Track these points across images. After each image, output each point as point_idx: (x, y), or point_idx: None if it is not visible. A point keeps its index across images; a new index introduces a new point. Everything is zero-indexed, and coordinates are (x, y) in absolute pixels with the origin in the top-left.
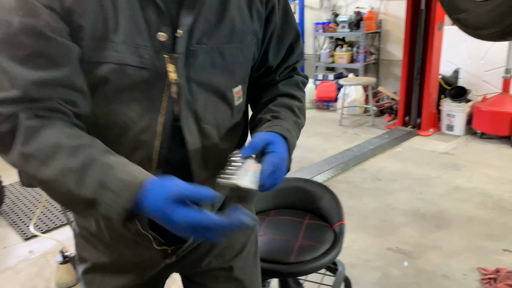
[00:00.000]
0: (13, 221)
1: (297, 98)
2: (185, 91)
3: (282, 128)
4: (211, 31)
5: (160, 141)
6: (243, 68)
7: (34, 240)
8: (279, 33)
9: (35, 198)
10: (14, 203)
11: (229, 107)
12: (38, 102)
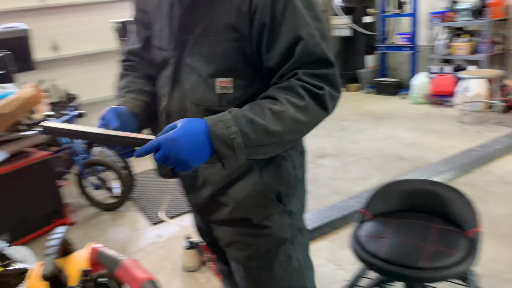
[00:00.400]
0: (141, 207)
1: (278, 101)
2: (178, 71)
3: (215, 116)
4: (196, 24)
5: (166, 103)
6: (227, 61)
7: (160, 225)
8: (270, 34)
9: (161, 187)
10: (142, 191)
11: (212, 93)
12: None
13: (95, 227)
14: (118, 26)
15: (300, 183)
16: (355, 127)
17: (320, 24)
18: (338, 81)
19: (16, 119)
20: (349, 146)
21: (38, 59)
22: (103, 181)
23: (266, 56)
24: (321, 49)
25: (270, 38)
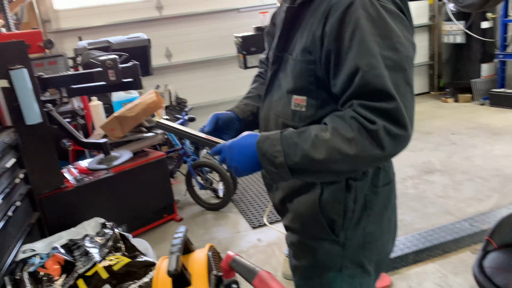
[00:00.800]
0: (242, 209)
1: (327, 129)
2: (271, 84)
3: (267, 133)
4: (289, 44)
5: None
6: (301, 80)
7: (261, 229)
8: (335, 61)
9: (262, 191)
10: (243, 194)
11: (288, 108)
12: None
13: (200, 225)
14: (239, 40)
15: (369, 217)
16: (467, 142)
17: (394, 54)
18: (401, 117)
19: (139, 122)
20: (461, 162)
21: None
22: (209, 182)
23: (332, 81)
24: (382, 81)
25: (335, 65)
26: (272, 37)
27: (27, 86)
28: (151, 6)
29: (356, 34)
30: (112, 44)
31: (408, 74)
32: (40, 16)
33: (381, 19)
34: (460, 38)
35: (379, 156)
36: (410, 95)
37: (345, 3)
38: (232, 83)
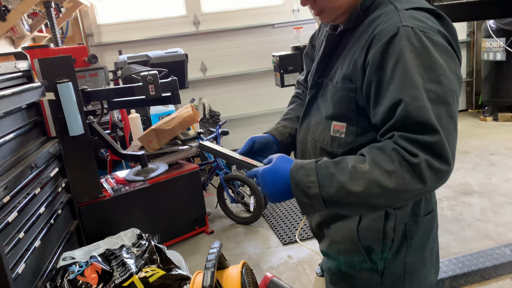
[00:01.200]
0: (273, 225)
1: (363, 160)
2: (310, 107)
3: (301, 161)
4: (329, 69)
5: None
6: (341, 107)
7: (291, 246)
8: (376, 91)
9: (292, 207)
10: (274, 209)
11: (327, 134)
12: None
13: (231, 238)
14: (276, 59)
15: (410, 247)
16: (507, 163)
17: (438, 87)
18: (444, 151)
19: (175, 135)
20: (501, 184)
21: (189, 79)
22: (240, 196)
23: (372, 111)
24: (425, 114)
25: (376, 96)
26: (310, 59)
27: (72, 99)
28: (189, 22)
29: (399, 65)
30: (151, 59)
31: (452, 108)
32: (83, 31)
33: (425, 50)
34: (501, 55)
35: (420, 191)
36: (453, 129)
37: (389, 33)
38: (265, 97)
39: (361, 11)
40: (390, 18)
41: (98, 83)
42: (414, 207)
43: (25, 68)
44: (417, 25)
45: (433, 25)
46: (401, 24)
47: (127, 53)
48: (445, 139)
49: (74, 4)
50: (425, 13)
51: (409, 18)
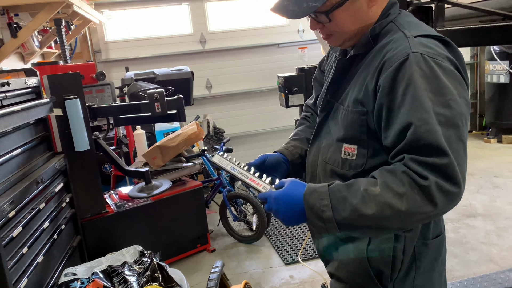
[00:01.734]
0: (275, 244)
1: (374, 183)
2: (320, 130)
3: (314, 185)
4: (339, 93)
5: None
6: (352, 130)
7: (293, 266)
8: (387, 115)
9: (295, 227)
10: (277, 228)
11: (338, 156)
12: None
13: (232, 257)
14: (281, 80)
15: (419, 270)
16: (511, 186)
17: (447, 111)
18: (454, 173)
19: (179, 152)
20: (505, 207)
21: (194, 96)
22: (243, 214)
23: (384, 134)
24: (434, 136)
25: (387, 119)
26: (319, 83)
27: (79, 115)
28: (195, 40)
29: (409, 89)
30: (157, 76)
31: (461, 131)
32: (91, 47)
33: (434, 75)
34: (504, 78)
35: (431, 213)
36: (463, 152)
37: (399, 59)
38: (269, 115)
39: (371, 37)
40: (400, 45)
41: (105, 99)
42: (424, 229)
43: (34, 84)
44: (426, 51)
45: (442, 52)
46: (410, 50)
47: (134, 70)
48: (455, 162)
49: (84, 22)
50: (433, 40)
51: (418, 45)
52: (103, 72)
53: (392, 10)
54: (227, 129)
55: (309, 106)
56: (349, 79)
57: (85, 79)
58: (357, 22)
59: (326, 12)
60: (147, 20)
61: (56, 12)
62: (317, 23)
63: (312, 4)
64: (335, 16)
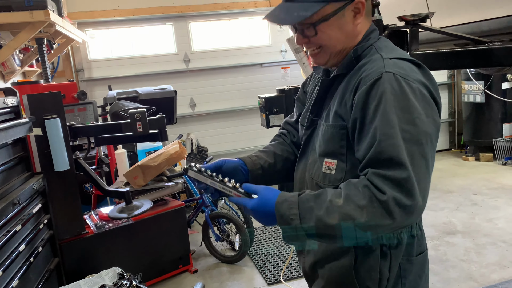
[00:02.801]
0: (258, 264)
1: (339, 194)
2: (306, 147)
3: (286, 194)
4: (322, 111)
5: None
6: (333, 144)
7: (276, 286)
8: (359, 129)
9: (278, 245)
10: (259, 247)
11: (320, 170)
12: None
13: (215, 278)
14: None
15: (404, 286)
16: (489, 203)
17: (412, 128)
18: (412, 188)
19: (161, 171)
20: (483, 224)
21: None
22: (226, 234)
23: (356, 147)
24: (396, 151)
25: (359, 133)
26: (302, 103)
27: (59, 135)
28: (179, 59)
29: (380, 106)
30: (140, 95)
31: (425, 148)
32: (74, 66)
33: (403, 94)
34: (480, 98)
35: (390, 226)
36: (425, 168)
37: (373, 77)
38: (252, 133)
39: (354, 58)
40: (376, 65)
41: (87, 118)
42: (408, 247)
43: (13, 104)
44: (399, 71)
45: (414, 73)
46: (384, 70)
47: (117, 89)
48: (414, 177)
49: (67, 41)
50: (407, 63)
51: (392, 66)
52: (84, 91)
53: (372, 35)
54: (210, 148)
55: (288, 124)
56: (330, 97)
57: (66, 98)
58: (342, 37)
59: (314, 24)
60: (131, 39)
61: (38, 31)
62: (303, 37)
63: (302, 14)
64: (322, 29)
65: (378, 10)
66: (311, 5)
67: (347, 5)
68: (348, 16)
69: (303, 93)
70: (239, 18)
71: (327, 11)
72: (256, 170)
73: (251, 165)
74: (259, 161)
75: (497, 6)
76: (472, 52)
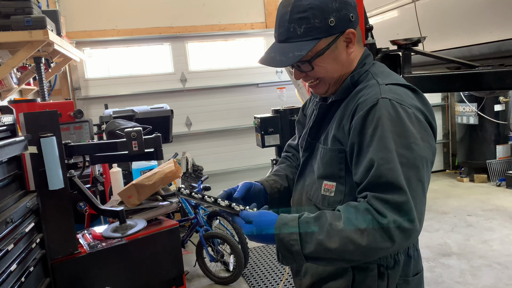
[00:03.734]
0: (252, 285)
1: (339, 217)
2: (304, 169)
3: (281, 218)
4: (320, 134)
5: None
6: (331, 167)
7: None
8: (357, 153)
9: (272, 266)
10: (254, 268)
11: (319, 192)
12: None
13: None
14: (258, 121)
15: None
16: (484, 225)
17: (408, 152)
18: (410, 211)
19: (156, 190)
20: (478, 246)
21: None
22: (220, 254)
23: (354, 171)
24: (394, 175)
25: (357, 157)
26: (302, 125)
27: (54, 153)
28: (176, 79)
29: (377, 131)
30: (136, 113)
31: (421, 172)
32: (71, 84)
33: (399, 119)
34: (473, 119)
35: (390, 249)
36: (422, 192)
37: (370, 103)
38: (248, 152)
39: (351, 84)
40: (372, 91)
41: (82, 136)
42: (404, 267)
43: (9, 122)
44: (394, 97)
45: (409, 99)
46: (380, 96)
47: (113, 107)
48: (412, 200)
49: (64, 59)
50: (402, 88)
51: (388, 91)
52: (81, 110)
53: (367, 61)
54: (206, 166)
55: (291, 147)
56: (328, 121)
57: (62, 117)
58: (338, 68)
59: (309, 61)
60: (128, 58)
61: (36, 50)
62: (301, 73)
63: (297, 54)
64: (317, 64)
65: (372, 34)
66: (304, 44)
67: (338, 37)
68: (341, 47)
69: (303, 115)
70: (236, 39)
71: (320, 46)
72: (274, 194)
73: (269, 189)
74: (276, 185)
75: (487, 32)
76: (462, 75)
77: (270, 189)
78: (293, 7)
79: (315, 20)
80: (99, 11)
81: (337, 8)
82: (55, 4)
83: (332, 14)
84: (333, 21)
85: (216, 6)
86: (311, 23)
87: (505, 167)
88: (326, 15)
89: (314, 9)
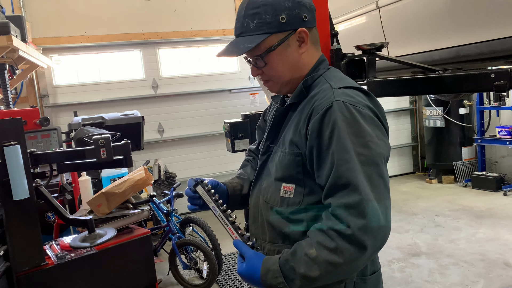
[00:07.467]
0: None
1: (310, 244)
2: (261, 172)
3: (264, 266)
4: (278, 138)
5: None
6: (290, 170)
7: None
8: (318, 156)
9: None
10: (228, 274)
11: (277, 195)
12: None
13: None
14: (227, 126)
15: None
16: (451, 224)
17: (366, 150)
18: (374, 210)
19: (126, 198)
20: (446, 245)
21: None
22: (193, 262)
23: (316, 174)
24: (353, 174)
25: (318, 160)
26: (262, 131)
27: (19, 162)
28: (147, 85)
29: (334, 133)
30: (106, 120)
31: (381, 168)
32: (38, 91)
33: (354, 120)
34: (440, 123)
35: (367, 254)
36: (384, 187)
37: (324, 106)
38: (221, 158)
39: (304, 88)
40: (326, 94)
41: (51, 144)
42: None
43: None
44: (348, 99)
45: (362, 100)
46: (334, 99)
47: (83, 115)
48: (376, 196)
49: (30, 66)
50: (355, 90)
51: (341, 94)
52: (47, 117)
53: (322, 66)
54: (179, 173)
55: (251, 151)
56: (285, 125)
57: (28, 124)
58: (289, 67)
59: (261, 55)
60: (98, 65)
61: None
62: (257, 69)
63: (247, 45)
64: (269, 59)
65: (337, 39)
66: (255, 37)
67: (291, 34)
68: (293, 46)
69: (263, 121)
70: (208, 46)
71: (272, 42)
72: (236, 197)
73: (231, 191)
74: (238, 187)
75: (446, 37)
76: (423, 79)
77: (232, 190)
78: (249, 4)
79: (267, 16)
80: (68, 17)
81: (289, 7)
82: (21, 9)
83: (284, 11)
84: (284, 18)
85: (187, 12)
86: (263, 18)
87: (471, 168)
88: (277, 12)
89: (266, 6)
